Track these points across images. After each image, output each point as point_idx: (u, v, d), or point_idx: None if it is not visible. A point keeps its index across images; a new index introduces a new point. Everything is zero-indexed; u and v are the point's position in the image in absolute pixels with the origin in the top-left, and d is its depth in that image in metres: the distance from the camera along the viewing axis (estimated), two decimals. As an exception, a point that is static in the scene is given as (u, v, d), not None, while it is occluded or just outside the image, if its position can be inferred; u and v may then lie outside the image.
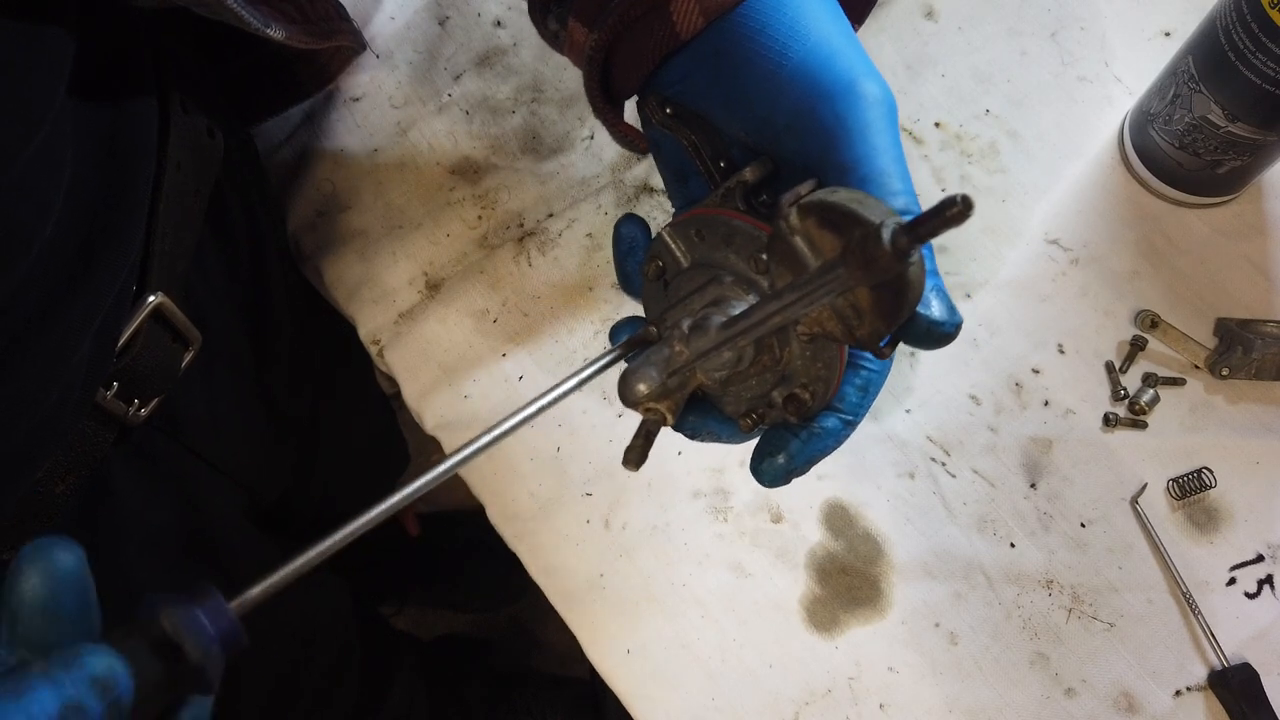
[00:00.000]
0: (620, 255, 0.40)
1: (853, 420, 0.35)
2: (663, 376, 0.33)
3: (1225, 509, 0.57)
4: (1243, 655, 0.54)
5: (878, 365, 0.35)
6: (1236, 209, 0.62)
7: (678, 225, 0.36)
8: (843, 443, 0.35)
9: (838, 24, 0.36)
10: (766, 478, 0.35)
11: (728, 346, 0.33)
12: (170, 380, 0.47)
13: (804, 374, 0.34)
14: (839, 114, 0.34)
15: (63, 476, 0.41)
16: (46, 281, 0.36)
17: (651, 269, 0.37)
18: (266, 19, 0.46)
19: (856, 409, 0.35)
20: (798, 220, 0.30)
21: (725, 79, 0.37)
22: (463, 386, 0.62)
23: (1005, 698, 0.54)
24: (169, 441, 0.50)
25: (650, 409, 0.34)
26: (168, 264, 0.45)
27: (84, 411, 0.41)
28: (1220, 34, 0.51)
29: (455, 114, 0.67)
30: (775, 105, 0.35)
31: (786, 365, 0.34)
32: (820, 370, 0.34)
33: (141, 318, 0.43)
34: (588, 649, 0.57)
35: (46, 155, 0.35)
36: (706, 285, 0.35)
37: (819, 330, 0.32)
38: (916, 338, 0.32)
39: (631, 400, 0.34)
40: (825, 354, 0.34)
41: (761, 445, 0.36)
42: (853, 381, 0.35)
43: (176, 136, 0.45)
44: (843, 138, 0.34)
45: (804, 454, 0.35)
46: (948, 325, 0.32)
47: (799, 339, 0.33)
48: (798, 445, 0.35)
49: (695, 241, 0.36)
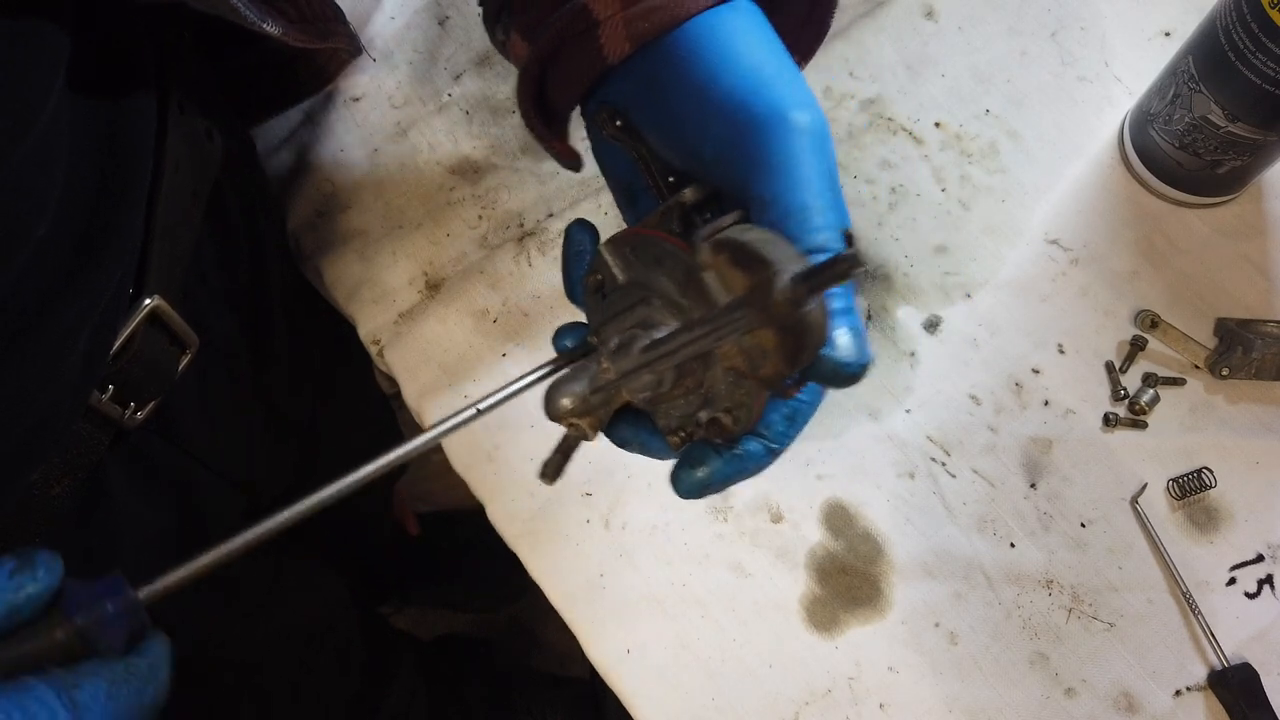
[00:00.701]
0: (567, 261, 0.40)
1: (776, 448, 0.35)
2: (586, 393, 0.34)
3: (1225, 509, 0.57)
4: (1243, 655, 0.54)
5: (808, 395, 0.35)
6: (1236, 209, 0.62)
7: (615, 241, 0.36)
8: (764, 468, 0.35)
9: (771, 53, 0.36)
10: (682, 487, 0.35)
11: (647, 370, 0.33)
12: (167, 383, 0.47)
13: (727, 398, 0.34)
14: (762, 146, 0.33)
15: (59, 479, 0.41)
16: (41, 281, 0.36)
17: (591, 281, 0.38)
18: (263, 14, 0.46)
19: (781, 437, 0.35)
20: (710, 256, 0.31)
21: (656, 105, 0.37)
22: (463, 386, 0.62)
23: (1005, 698, 0.54)
24: (166, 444, 0.50)
25: (572, 424, 0.35)
26: (165, 266, 0.45)
27: (79, 414, 0.41)
28: (1220, 34, 0.51)
29: (455, 114, 0.67)
30: (702, 135, 0.35)
31: (710, 389, 0.34)
32: (742, 397, 0.34)
33: (137, 321, 0.43)
34: (588, 649, 0.57)
35: (42, 153, 0.35)
36: (636, 305, 0.35)
37: (729, 364, 0.32)
38: (823, 377, 0.32)
39: (554, 414, 0.34)
40: (744, 384, 0.34)
41: (683, 457, 0.36)
42: (780, 410, 0.35)
43: (174, 137, 0.45)
44: (764, 171, 0.33)
45: (722, 473, 0.35)
46: (852, 367, 0.32)
47: (722, 366, 0.34)
48: (718, 464, 0.35)
49: (630, 259, 0.36)
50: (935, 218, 0.63)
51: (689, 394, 0.35)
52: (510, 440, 0.60)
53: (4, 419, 0.36)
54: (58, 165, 0.36)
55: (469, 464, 0.60)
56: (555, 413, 0.34)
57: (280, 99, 0.65)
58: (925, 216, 0.63)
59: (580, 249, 0.40)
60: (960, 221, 0.63)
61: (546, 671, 1.22)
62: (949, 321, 0.61)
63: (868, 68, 0.66)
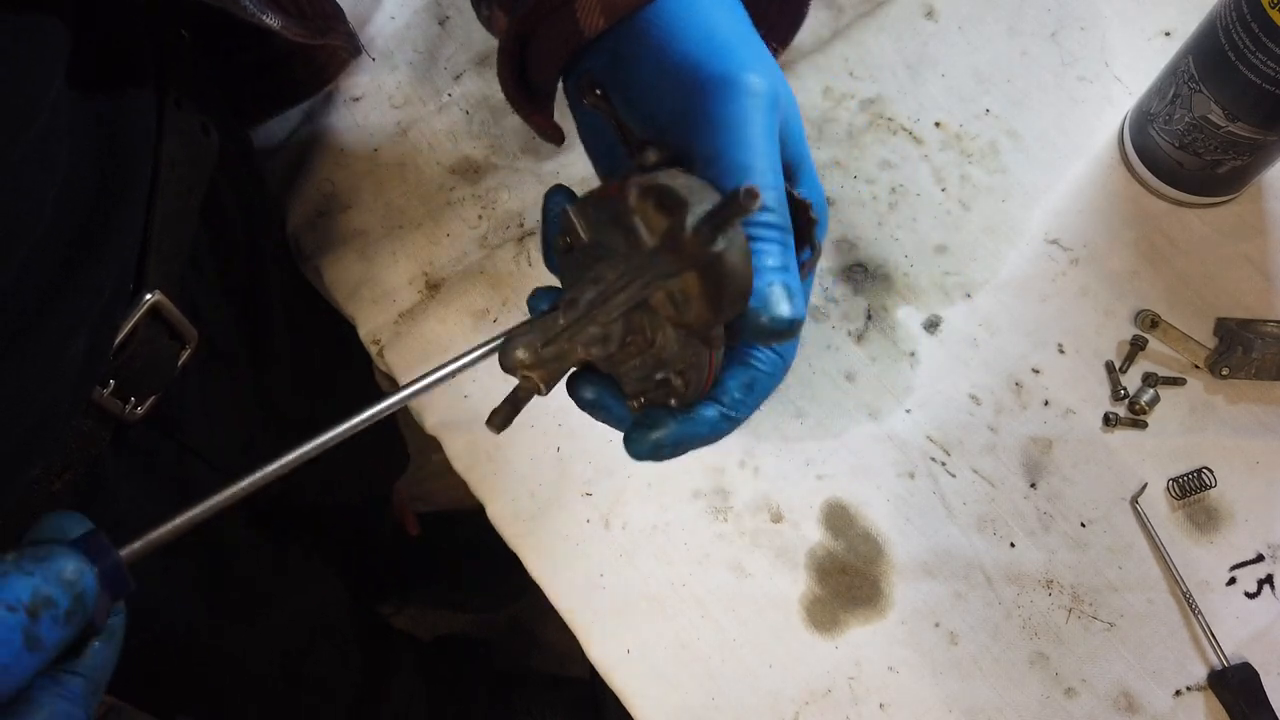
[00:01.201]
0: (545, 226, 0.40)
1: (733, 416, 0.35)
2: (539, 345, 0.34)
3: (1225, 509, 0.57)
4: (1243, 655, 0.54)
5: (768, 365, 0.35)
6: (1236, 209, 0.62)
7: (581, 203, 0.37)
8: (721, 436, 0.35)
9: (733, 24, 0.37)
10: (634, 448, 0.35)
11: (591, 322, 0.33)
12: (167, 378, 0.47)
13: (679, 360, 0.34)
14: (708, 106, 0.34)
15: (59, 474, 0.41)
16: (42, 277, 0.36)
17: (560, 243, 0.38)
18: (262, 7, 0.46)
19: (738, 405, 0.35)
20: (636, 200, 0.31)
21: (621, 76, 0.38)
22: (463, 386, 0.62)
23: (1005, 697, 0.54)
24: (165, 439, 0.50)
25: (525, 376, 0.35)
26: (164, 262, 0.45)
27: (80, 409, 0.41)
28: (1220, 34, 0.51)
29: (455, 114, 0.67)
30: (659, 102, 0.36)
31: (663, 350, 0.34)
32: (692, 357, 0.34)
33: (138, 315, 0.43)
34: (588, 649, 0.57)
35: (42, 149, 0.35)
36: (594, 263, 0.35)
37: (665, 314, 0.32)
38: (754, 332, 0.32)
39: (507, 365, 0.34)
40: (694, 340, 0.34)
41: (639, 418, 0.36)
42: (739, 377, 0.35)
43: (171, 133, 0.45)
44: (709, 129, 0.34)
45: (675, 435, 0.35)
46: (780, 322, 0.32)
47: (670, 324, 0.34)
48: (672, 425, 0.35)
49: (593, 219, 0.36)
50: (935, 217, 0.63)
51: (643, 354, 0.35)
52: (510, 440, 0.60)
53: (6, 415, 0.36)
54: (58, 161, 0.36)
55: (469, 464, 0.60)
56: (508, 363, 0.34)
57: (279, 99, 0.65)
58: (925, 216, 0.63)
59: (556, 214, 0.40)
60: (960, 221, 0.63)
61: (546, 671, 1.22)
62: (949, 321, 0.61)
63: (868, 68, 0.66)
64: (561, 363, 0.35)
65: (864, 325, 0.61)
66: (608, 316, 0.33)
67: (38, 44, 0.34)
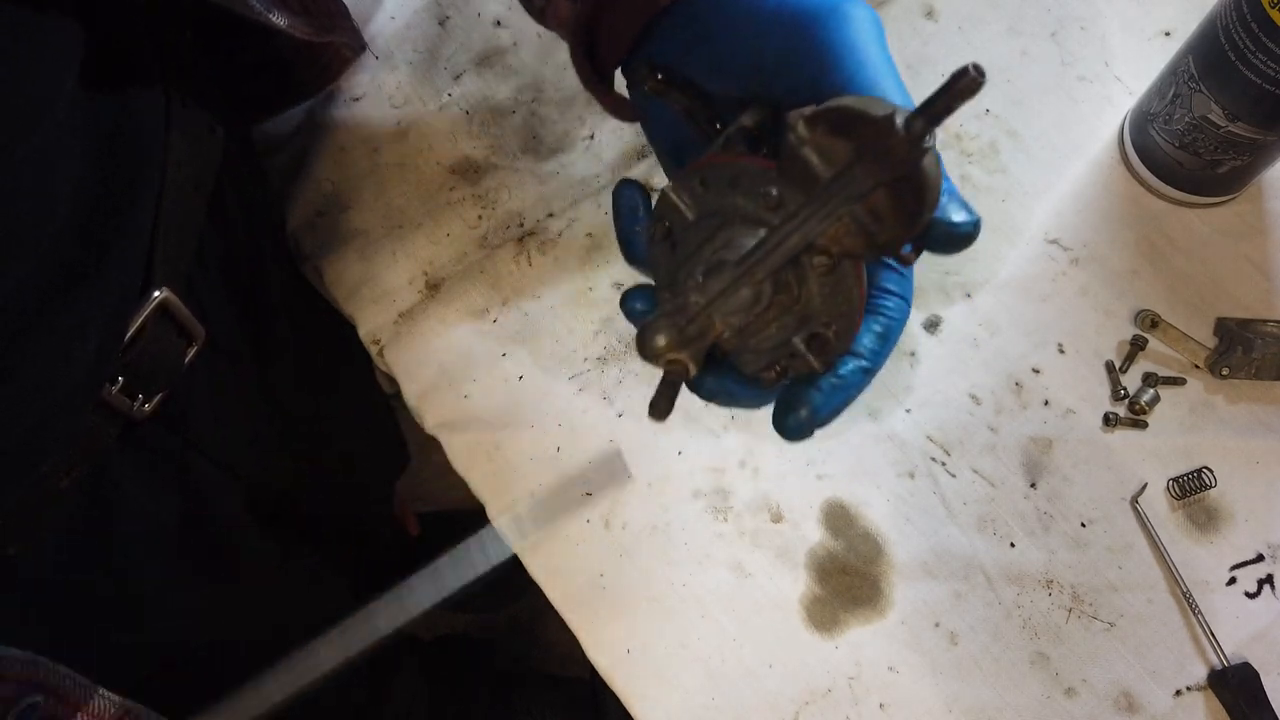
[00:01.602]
0: (622, 221, 0.39)
1: (871, 368, 0.34)
2: (682, 325, 0.33)
3: (1225, 509, 0.57)
4: (1243, 655, 0.54)
5: (896, 311, 0.35)
6: (1236, 209, 0.62)
7: (680, 179, 0.35)
8: (863, 390, 0.35)
9: None
10: (791, 433, 0.34)
11: (745, 283, 0.32)
12: (174, 375, 0.47)
13: (825, 313, 0.33)
14: (825, 37, 0.33)
15: (67, 471, 0.41)
16: (53, 276, 0.36)
17: (658, 230, 0.36)
18: (269, 6, 0.46)
19: (876, 355, 0.34)
20: (806, 131, 0.30)
21: (707, 35, 0.37)
22: (463, 386, 0.62)
23: (1005, 697, 0.54)
24: (172, 437, 0.50)
25: (672, 360, 0.33)
26: (171, 259, 0.45)
27: (89, 406, 0.41)
28: (1220, 34, 0.51)
29: (455, 114, 0.67)
30: (762, 45, 0.35)
31: (805, 306, 0.33)
32: (841, 306, 0.33)
33: (147, 313, 0.43)
34: (588, 649, 0.57)
35: (51, 148, 0.35)
36: (716, 232, 0.34)
37: (838, 250, 0.31)
38: (939, 242, 0.32)
39: (651, 353, 0.33)
40: (844, 288, 0.32)
41: (782, 401, 0.34)
42: (871, 328, 0.34)
43: (177, 131, 0.45)
44: (832, 59, 0.33)
45: (828, 405, 0.34)
46: (967, 225, 0.31)
47: (817, 275, 0.33)
48: (820, 397, 0.34)
49: (700, 193, 0.35)
50: (935, 217, 0.63)
51: (783, 315, 0.34)
52: (510, 440, 0.60)
53: (17, 412, 0.36)
54: (68, 160, 0.36)
55: (469, 464, 0.61)
56: (652, 352, 0.33)
57: (282, 98, 0.65)
58: (925, 216, 0.63)
59: (633, 204, 0.39)
60: (960, 221, 0.63)
61: (546, 671, 1.22)
62: (949, 321, 0.61)
63: (868, 68, 0.66)
64: (705, 339, 0.33)
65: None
66: (769, 271, 0.32)
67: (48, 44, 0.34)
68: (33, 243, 0.35)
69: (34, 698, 0.34)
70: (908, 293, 0.35)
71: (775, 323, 0.34)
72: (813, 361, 0.34)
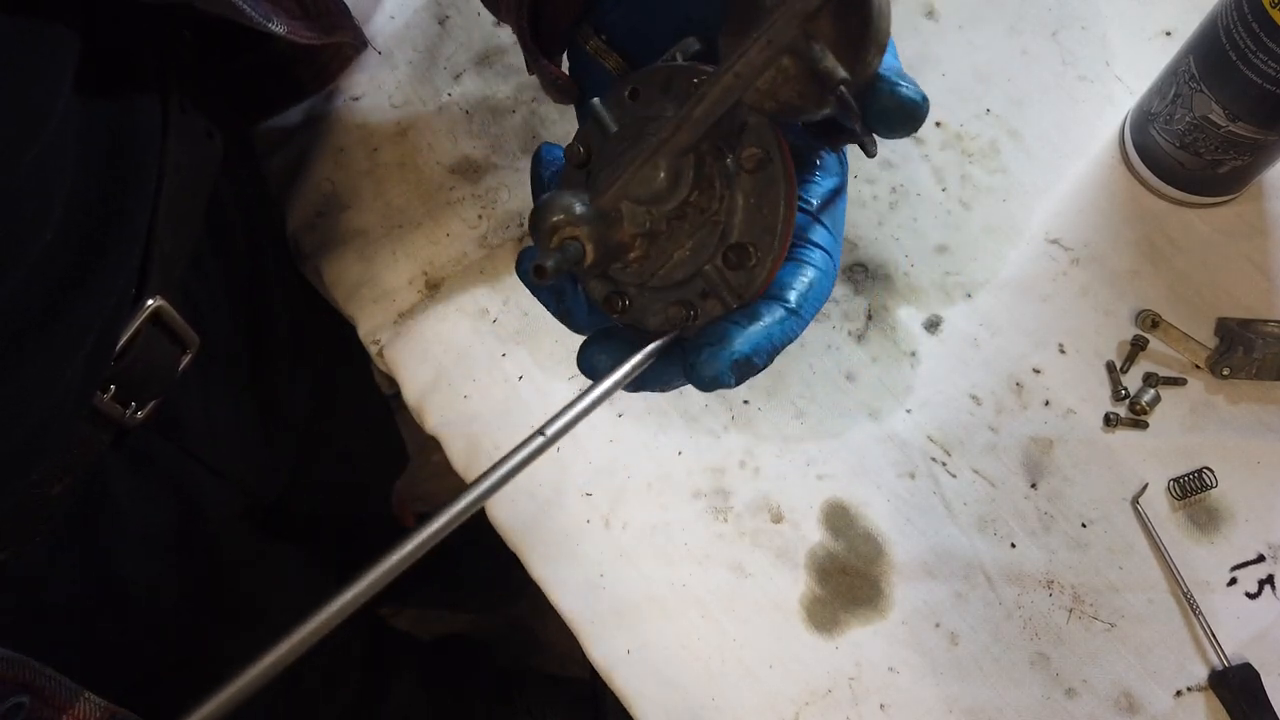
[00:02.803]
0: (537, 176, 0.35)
1: (796, 311, 0.31)
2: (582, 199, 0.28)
3: (1226, 509, 0.57)
4: (1243, 655, 0.54)
5: (821, 265, 0.32)
6: (1237, 209, 0.62)
7: (610, 93, 0.32)
8: (790, 339, 0.31)
9: None
10: (706, 373, 0.29)
11: (664, 155, 0.28)
12: (167, 383, 0.47)
13: (747, 228, 0.29)
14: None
15: (59, 478, 0.41)
16: (48, 284, 0.36)
17: (573, 154, 0.32)
18: (268, 14, 0.45)
19: (801, 301, 0.31)
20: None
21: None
22: (463, 386, 0.62)
23: (1005, 698, 0.54)
24: (166, 444, 0.50)
25: (570, 236, 0.28)
26: (166, 267, 0.45)
27: (81, 414, 0.41)
28: (1221, 33, 0.51)
29: (455, 113, 0.67)
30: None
31: (728, 218, 0.29)
32: (766, 217, 0.29)
33: (140, 321, 0.43)
34: (587, 649, 0.57)
35: (50, 155, 0.35)
36: (639, 138, 0.30)
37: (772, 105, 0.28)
38: (884, 110, 0.29)
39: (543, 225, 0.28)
40: (771, 196, 0.29)
41: (697, 339, 0.30)
42: (796, 274, 0.31)
43: (175, 137, 0.45)
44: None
45: (749, 341, 0.29)
46: (913, 94, 0.29)
47: (745, 175, 0.29)
48: (738, 331, 0.29)
49: (629, 103, 0.32)
50: (936, 217, 0.63)
51: (698, 231, 0.30)
52: (511, 440, 0.60)
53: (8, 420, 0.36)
54: (65, 168, 0.36)
55: (469, 464, 0.60)
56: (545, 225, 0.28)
57: (281, 98, 0.65)
58: (926, 216, 0.63)
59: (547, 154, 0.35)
60: (961, 221, 0.63)
61: (546, 671, 1.22)
62: (949, 321, 0.61)
63: (868, 67, 0.66)
64: (606, 224, 0.29)
65: (864, 325, 0.61)
66: (694, 131, 0.28)
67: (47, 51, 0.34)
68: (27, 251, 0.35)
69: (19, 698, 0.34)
70: (835, 250, 0.32)
71: (690, 240, 0.30)
72: (725, 296, 0.30)
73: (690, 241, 0.30)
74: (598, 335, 0.33)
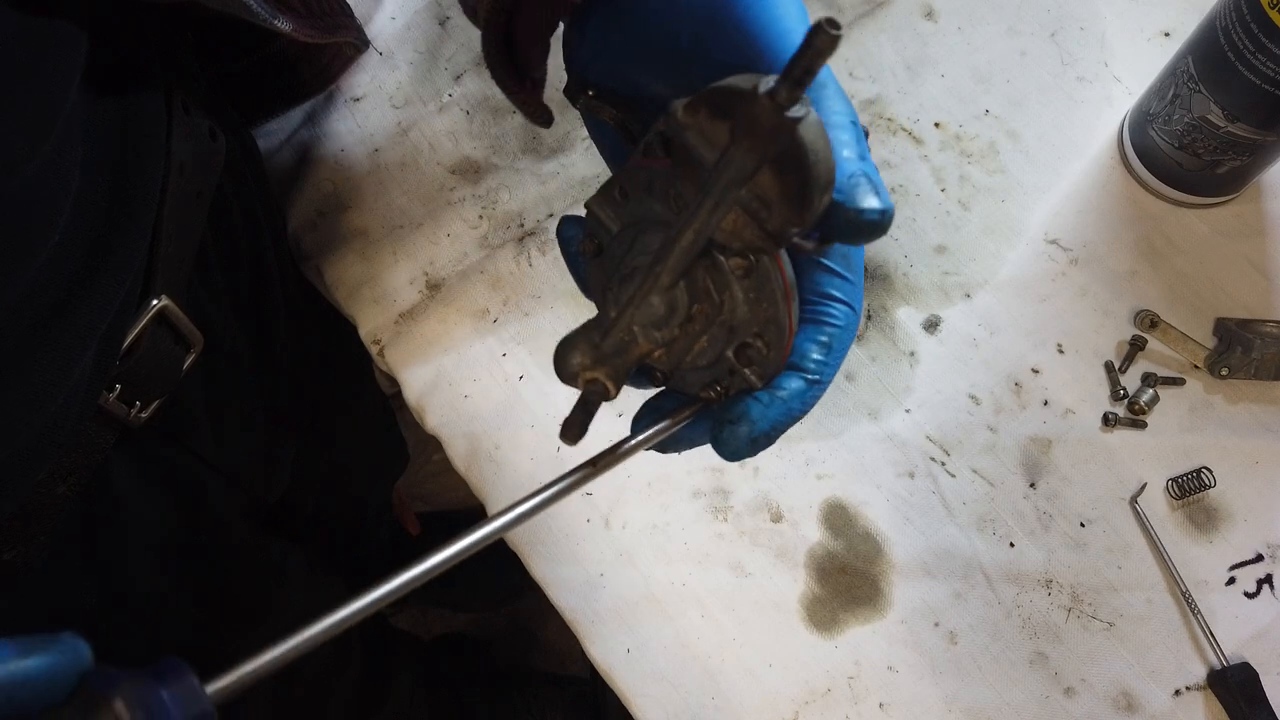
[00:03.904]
0: (569, 258, 0.38)
1: (818, 379, 0.32)
2: (597, 342, 0.31)
3: (1225, 509, 0.57)
4: (1242, 655, 0.54)
5: (842, 319, 0.32)
6: (1236, 209, 0.62)
7: (602, 192, 0.34)
8: (810, 407, 0.32)
9: None
10: (728, 448, 0.32)
11: (654, 290, 0.30)
12: (172, 383, 0.47)
13: (752, 321, 0.31)
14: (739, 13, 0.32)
15: (64, 478, 0.41)
16: (56, 285, 0.36)
17: (588, 247, 0.35)
18: (274, 11, 0.45)
19: (821, 367, 0.32)
20: (687, 117, 0.28)
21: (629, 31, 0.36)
22: (463, 386, 0.62)
23: (1004, 697, 0.54)
24: (169, 443, 0.50)
25: (590, 379, 0.31)
26: (171, 267, 0.45)
27: (87, 414, 0.41)
28: (1220, 34, 0.51)
29: (456, 114, 0.67)
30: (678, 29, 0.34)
31: (732, 315, 0.31)
32: (766, 310, 0.30)
33: (145, 321, 0.43)
34: (588, 648, 0.57)
35: (57, 157, 0.35)
36: (633, 242, 0.32)
37: (740, 244, 0.29)
38: (840, 229, 0.29)
39: (567, 372, 0.31)
40: (766, 291, 0.30)
41: (719, 413, 0.32)
42: (814, 338, 0.32)
43: (179, 138, 0.45)
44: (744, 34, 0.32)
45: (767, 418, 0.31)
46: (871, 213, 0.29)
47: (737, 279, 0.30)
48: (759, 409, 0.31)
49: (620, 202, 0.33)
50: (935, 218, 0.63)
51: (710, 327, 0.31)
52: (510, 440, 0.60)
53: (17, 421, 0.36)
54: (72, 169, 0.36)
55: (469, 464, 0.61)
56: (567, 370, 0.31)
57: (283, 99, 0.65)
58: (925, 216, 0.63)
59: (571, 237, 0.38)
60: (960, 221, 0.63)
61: (546, 670, 1.22)
62: (949, 321, 0.61)
63: (867, 68, 0.66)
64: (625, 356, 0.31)
65: (864, 325, 0.61)
66: (673, 274, 0.29)
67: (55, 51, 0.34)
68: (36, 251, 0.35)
69: None
70: (855, 299, 0.33)
71: (704, 335, 0.32)
72: (749, 377, 0.32)
73: (705, 336, 0.32)
74: (645, 407, 0.36)
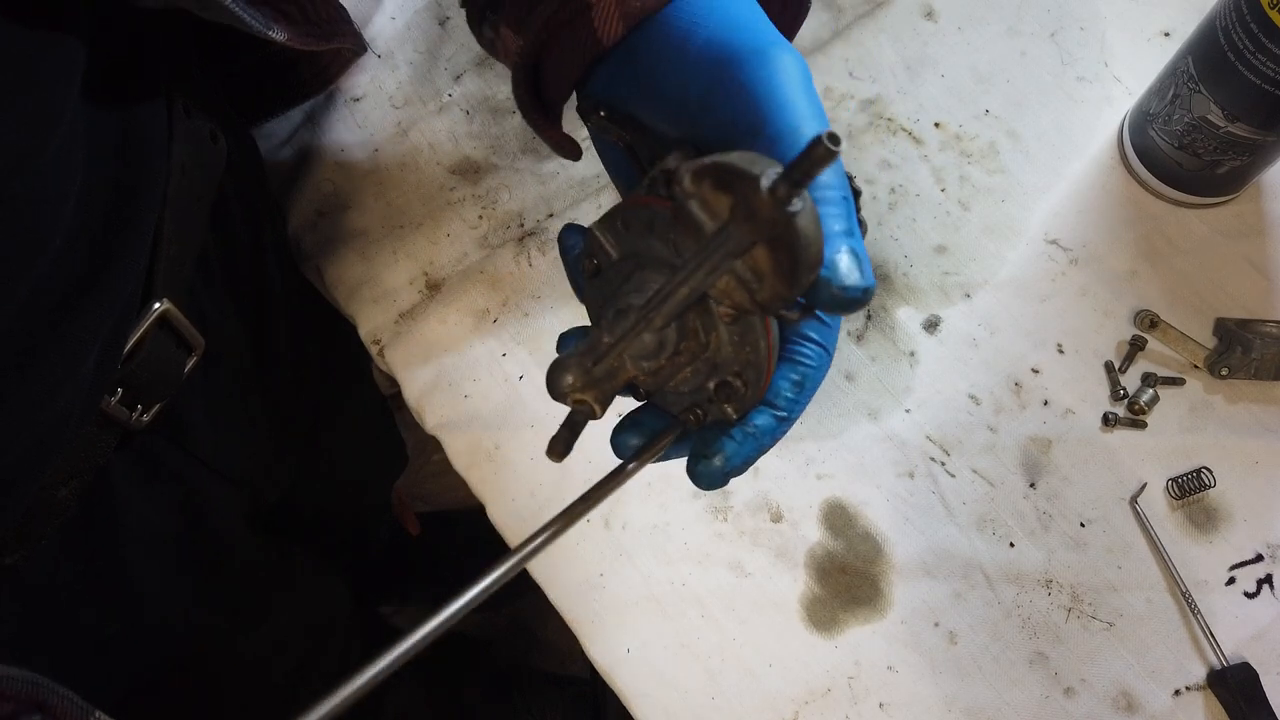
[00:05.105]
0: (566, 266, 0.40)
1: (787, 417, 0.34)
2: (588, 365, 0.33)
3: (1224, 509, 0.57)
4: (1242, 655, 0.54)
5: (814, 360, 0.34)
6: (1236, 209, 0.62)
7: (606, 219, 0.36)
8: (778, 440, 0.35)
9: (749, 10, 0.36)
10: (704, 481, 0.34)
11: (646, 329, 0.32)
12: (173, 386, 0.47)
13: (734, 361, 0.33)
14: (745, 78, 0.33)
15: (65, 481, 0.41)
16: (58, 290, 0.36)
17: (588, 266, 0.37)
18: (268, 21, 0.46)
19: (791, 405, 0.34)
20: (692, 185, 0.30)
21: (643, 73, 0.37)
22: (463, 386, 0.62)
23: (1004, 697, 0.54)
24: (170, 446, 0.50)
25: (578, 400, 0.34)
26: (173, 269, 0.45)
27: (89, 418, 0.41)
28: (1220, 34, 0.51)
29: (456, 114, 0.67)
30: (687, 84, 0.35)
31: (716, 353, 0.33)
32: (749, 354, 0.33)
33: (147, 325, 0.43)
34: (588, 648, 0.57)
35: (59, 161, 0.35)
36: (631, 274, 0.34)
37: (729, 303, 0.31)
38: (824, 302, 0.31)
39: (557, 392, 0.33)
40: (751, 337, 0.33)
41: (696, 447, 0.35)
42: (788, 376, 0.34)
43: (180, 141, 0.45)
44: (747, 99, 0.33)
45: (740, 454, 0.34)
46: (853, 290, 0.31)
47: (724, 323, 0.33)
48: (733, 446, 0.34)
49: (622, 232, 0.35)
50: (935, 218, 0.63)
51: (694, 361, 0.34)
52: (510, 440, 0.60)
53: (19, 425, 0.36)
54: (74, 174, 0.36)
55: (469, 464, 0.61)
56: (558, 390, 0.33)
57: (283, 99, 0.65)
58: (925, 217, 0.63)
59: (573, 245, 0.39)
60: (960, 222, 0.63)
61: (547, 670, 1.22)
62: (948, 321, 0.61)
63: (867, 68, 0.66)
64: (613, 381, 0.34)
65: (864, 325, 0.61)
66: (665, 318, 0.32)
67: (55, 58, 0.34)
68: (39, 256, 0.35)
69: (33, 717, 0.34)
70: (829, 341, 0.35)
71: (689, 367, 0.34)
72: (727, 410, 0.34)
73: (690, 369, 0.34)
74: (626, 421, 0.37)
